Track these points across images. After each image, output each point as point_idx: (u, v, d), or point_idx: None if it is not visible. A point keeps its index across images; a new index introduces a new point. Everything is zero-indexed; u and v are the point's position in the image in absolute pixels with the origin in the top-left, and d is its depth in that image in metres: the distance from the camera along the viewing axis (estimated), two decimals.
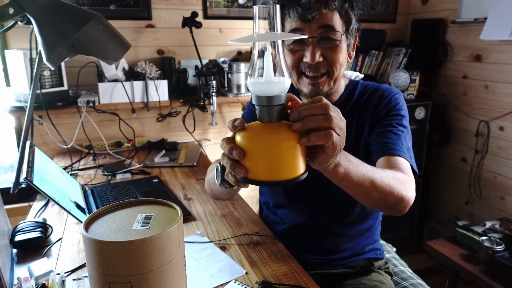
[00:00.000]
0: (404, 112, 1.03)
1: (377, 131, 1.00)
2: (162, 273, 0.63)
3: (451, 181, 2.57)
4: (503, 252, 1.68)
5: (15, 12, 0.97)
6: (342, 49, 0.96)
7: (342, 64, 0.97)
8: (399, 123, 0.99)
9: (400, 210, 0.85)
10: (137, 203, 0.75)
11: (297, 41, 0.95)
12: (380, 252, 1.17)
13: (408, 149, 0.97)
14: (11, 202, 1.83)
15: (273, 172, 0.59)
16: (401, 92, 1.08)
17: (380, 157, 0.94)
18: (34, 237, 1.03)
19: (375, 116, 1.03)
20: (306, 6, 0.90)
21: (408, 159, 0.93)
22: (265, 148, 0.59)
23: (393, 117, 1.01)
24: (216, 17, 2.16)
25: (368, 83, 1.10)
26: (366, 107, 1.05)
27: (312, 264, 1.08)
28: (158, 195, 1.36)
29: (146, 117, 2.12)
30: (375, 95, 1.05)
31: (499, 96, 2.19)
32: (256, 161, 0.60)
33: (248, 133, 0.61)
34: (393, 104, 1.02)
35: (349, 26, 0.96)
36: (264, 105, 0.60)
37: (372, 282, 1.06)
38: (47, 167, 1.30)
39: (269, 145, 0.59)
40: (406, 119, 1.02)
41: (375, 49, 2.45)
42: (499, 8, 2.05)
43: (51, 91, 1.76)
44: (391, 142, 0.95)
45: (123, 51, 1.10)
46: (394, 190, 0.79)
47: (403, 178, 0.85)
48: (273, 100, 0.59)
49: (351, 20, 0.96)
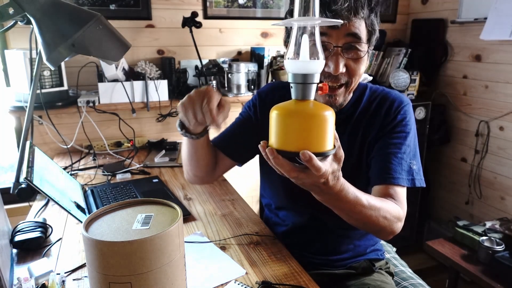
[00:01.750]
0: (409, 127, 1.00)
1: (380, 149, 0.99)
2: (162, 273, 0.63)
3: (451, 181, 2.57)
4: (503, 252, 1.68)
5: (15, 12, 0.97)
6: (364, 60, 0.94)
7: (361, 75, 0.96)
8: (403, 143, 0.98)
9: (382, 238, 0.97)
10: (137, 203, 0.75)
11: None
12: (381, 253, 1.18)
13: (409, 170, 0.97)
14: (11, 202, 1.83)
15: (306, 144, 0.64)
16: (410, 102, 1.04)
17: (378, 184, 0.96)
18: (34, 237, 1.03)
19: (381, 129, 1.01)
20: (337, 13, 0.87)
21: (406, 184, 0.96)
22: (299, 121, 0.64)
23: (398, 135, 0.99)
24: (216, 17, 2.16)
25: (377, 88, 1.07)
26: (374, 117, 1.02)
27: (313, 264, 1.08)
28: (158, 195, 1.36)
29: (146, 117, 2.12)
30: (384, 104, 1.02)
31: (499, 96, 2.19)
32: (291, 134, 0.65)
33: (285, 107, 0.67)
34: (400, 118, 1.00)
35: (372, 36, 0.94)
36: (300, 83, 0.66)
37: (375, 282, 1.07)
38: (47, 167, 1.30)
39: (303, 118, 0.64)
40: (410, 135, 1.00)
41: (375, 49, 2.44)
42: (499, 8, 2.05)
43: (51, 91, 1.76)
44: (391, 168, 0.95)
45: (123, 51, 1.10)
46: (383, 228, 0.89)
47: (395, 213, 0.90)
48: (307, 78, 0.65)
49: (376, 30, 0.94)
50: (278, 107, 0.67)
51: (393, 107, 1.01)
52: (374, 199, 0.87)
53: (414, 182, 0.97)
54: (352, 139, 1.03)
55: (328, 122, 0.65)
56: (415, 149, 1.01)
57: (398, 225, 0.92)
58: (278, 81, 1.27)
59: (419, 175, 0.98)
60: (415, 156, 1.00)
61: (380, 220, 0.87)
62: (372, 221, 0.86)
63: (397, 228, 0.92)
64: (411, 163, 0.98)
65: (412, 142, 1.00)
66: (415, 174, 0.98)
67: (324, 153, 0.66)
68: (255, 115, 1.12)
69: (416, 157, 1.00)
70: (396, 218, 0.90)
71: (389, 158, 0.96)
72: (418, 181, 0.98)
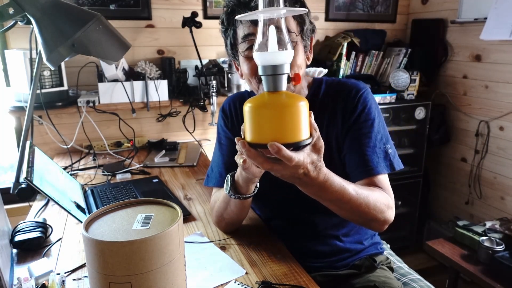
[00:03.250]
0: (373, 113, 0.99)
1: (351, 144, 0.99)
2: (162, 273, 0.63)
3: (451, 181, 2.57)
4: (503, 252, 1.68)
5: (15, 12, 0.97)
6: (298, 51, 0.95)
7: (300, 66, 0.96)
8: (371, 131, 0.98)
9: (377, 229, 0.95)
10: (137, 203, 0.75)
11: (252, 47, 0.95)
12: (380, 246, 1.17)
13: (385, 156, 0.97)
14: (11, 202, 1.83)
15: (278, 135, 0.64)
16: (368, 87, 1.04)
17: (360, 179, 0.96)
18: (34, 237, 1.03)
19: (345, 121, 1.00)
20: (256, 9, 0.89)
21: (386, 170, 0.96)
22: (270, 113, 0.64)
23: (364, 124, 0.98)
24: (216, 17, 2.16)
25: (333, 80, 1.07)
26: (335, 110, 1.02)
27: (316, 268, 1.07)
28: (158, 195, 1.36)
29: (146, 117, 2.12)
30: (342, 95, 1.02)
31: (499, 96, 2.19)
32: (263, 126, 0.65)
33: (256, 100, 0.67)
34: (361, 108, 0.99)
35: (303, 27, 0.95)
36: (270, 74, 0.66)
37: (379, 278, 1.07)
38: (47, 167, 1.30)
39: (275, 110, 0.64)
40: (376, 121, 0.99)
41: (375, 49, 2.45)
42: (499, 8, 2.05)
43: (51, 91, 1.76)
44: (368, 160, 0.95)
45: (123, 51, 1.10)
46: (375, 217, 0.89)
47: (385, 200, 0.91)
48: (277, 69, 0.65)
49: (305, 21, 0.95)
50: (250, 100, 0.67)
51: (351, 97, 1.01)
52: (361, 188, 0.87)
53: (393, 166, 0.98)
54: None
55: (301, 112, 0.65)
56: (386, 133, 1.01)
57: (389, 212, 0.91)
58: (237, 92, 1.28)
59: (395, 157, 0.99)
60: (388, 140, 1.00)
61: (371, 208, 0.87)
62: (363, 210, 0.86)
63: (389, 216, 0.92)
64: (386, 147, 0.98)
65: (381, 127, 1.00)
66: (391, 158, 0.98)
67: (298, 143, 0.65)
68: (232, 134, 1.12)
69: (389, 141, 1.00)
70: (386, 206, 0.90)
71: (363, 150, 0.97)
72: (396, 165, 0.98)
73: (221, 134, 1.16)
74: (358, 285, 1.06)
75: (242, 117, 1.04)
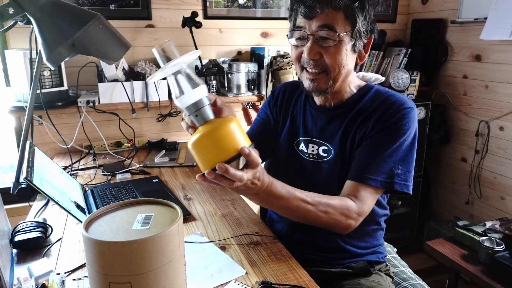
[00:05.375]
0: (405, 132, 0.97)
1: (368, 144, 0.98)
2: (162, 273, 0.63)
3: (451, 181, 2.57)
4: (503, 252, 1.67)
5: (15, 12, 0.97)
6: (340, 50, 0.95)
7: (342, 65, 0.97)
8: (392, 145, 0.96)
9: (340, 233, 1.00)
10: (137, 203, 0.75)
11: (299, 38, 0.99)
12: (382, 256, 1.15)
13: (390, 173, 0.96)
14: (11, 202, 1.83)
15: (224, 152, 0.71)
16: (414, 107, 1.00)
17: (350, 179, 0.98)
18: (34, 237, 1.03)
19: (374, 126, 0.99)
20: (310, 5, 0.93)
21: (379, 185, 0.96)
22: (203, 142, 0.72)
23: (390, 136, 0.97)
24: (216, 17, 2.16)
25: (385, 89, 1.06)
26: (371, 115, 1.00)
27: (311, 260, 1.07)
28: (158, 195, 1.36)
29: (146, 117, 2.12)
30: (385, 103, 1.00)
31: (499, 96, 2.19)
32: (204, 156, 0.73)
33: (195, 135, 0.74)
34: (396, 120, 0.97)
35: (355, 26, 0.95)
36: (193, 111, 0.74)
37: (370, 283, 1.06)
38: (47, 167, 1.30)
39: (209, 135, 0.71)
40: (405, 140, 0.97)
41: (375, 49, 2.44)
42: (499, 8, 2.05)
43: (51, 91, 1.76)
44: (368, 167, 0.96)
45: (123, 51, 1.10)
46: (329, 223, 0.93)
47: (342, 208, 0.92)
48: (198, 104, 0.73)
49: (358, 20, 0.95)
50: (191, 138, 0.74)
51: (392, 108, 0.99)
52: (315, 195, 0.91)
53: (392, 185, 0.96)
54: (346, 134, 1.03)
55: (231, 127, 0.72)
56: (405, 156, 0.98)
57: (348, 221, 0.94)
58: (292, 81, 1.29)
59: (403, 180, 0.97)
60: (403, 162, 0.97)
61: (321, 215, 0.90)
62: (313, 216, 0.90)
63: (347, 224, 0.94)
64: (395, 167, 0.96)
65: (405, 150, 0.98)
66: (396, 178, 0.96)
67: (237, 156, 0.72)
68: (271, 113, 1.20)
69: (404, 163, 0.97)
70: (344, 215, 0.92)
71: (372, 156, 0.96)
72: (399, 185, 0.96)
73: (261, 110, 1.25)
74: (347, 286, 1.05)
75: (287, 101, 1.17)
